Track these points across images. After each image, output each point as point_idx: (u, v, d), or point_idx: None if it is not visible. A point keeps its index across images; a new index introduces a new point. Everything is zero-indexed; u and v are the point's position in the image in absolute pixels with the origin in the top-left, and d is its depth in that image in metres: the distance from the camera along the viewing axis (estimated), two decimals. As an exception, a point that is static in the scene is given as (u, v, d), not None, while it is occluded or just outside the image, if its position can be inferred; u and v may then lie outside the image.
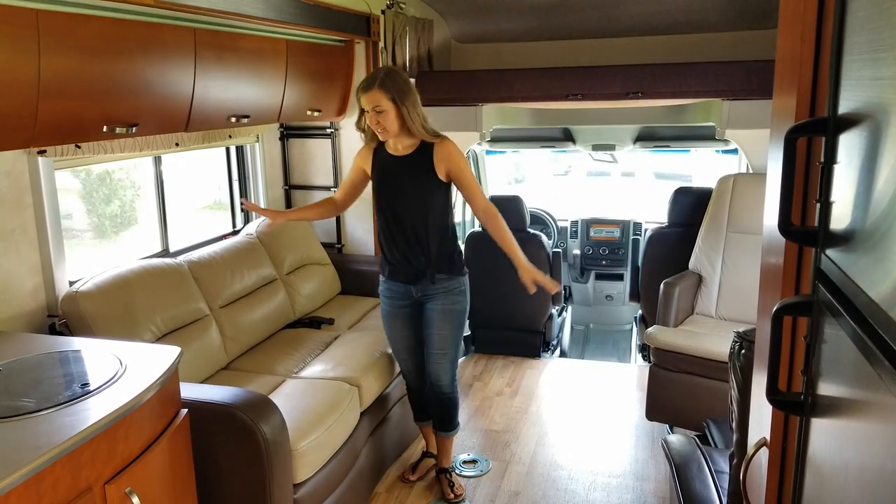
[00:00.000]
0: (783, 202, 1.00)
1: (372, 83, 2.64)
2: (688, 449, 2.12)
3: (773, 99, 1.30)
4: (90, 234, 3.53)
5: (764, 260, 1.31)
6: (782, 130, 1.02)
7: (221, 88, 2.86)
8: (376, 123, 2.67)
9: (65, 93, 2.10)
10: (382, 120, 2.65)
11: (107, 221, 3.64)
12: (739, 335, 1.59)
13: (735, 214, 3.81)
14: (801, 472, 1.10)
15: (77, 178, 3.38)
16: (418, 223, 2.77)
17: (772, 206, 1.26)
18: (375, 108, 2.64)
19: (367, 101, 2.65)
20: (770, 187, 1.29)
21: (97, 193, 3.55)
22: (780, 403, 1.08)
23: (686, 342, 3.33)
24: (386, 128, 2.67)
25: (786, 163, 0.99)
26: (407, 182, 2.76)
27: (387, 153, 2.80)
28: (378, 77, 2.65)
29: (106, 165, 3.46)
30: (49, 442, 1.52)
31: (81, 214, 3.51)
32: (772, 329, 1.03)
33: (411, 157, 2.76)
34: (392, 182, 2.78)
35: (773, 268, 1.21)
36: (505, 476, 3.24)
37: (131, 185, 3.66)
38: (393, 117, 2.65)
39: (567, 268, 5.73)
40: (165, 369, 1.93)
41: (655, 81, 3.85)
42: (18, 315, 2.48)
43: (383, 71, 2.70)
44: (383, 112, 2.64)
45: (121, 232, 3.66)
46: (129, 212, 3.69)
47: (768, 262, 1.26)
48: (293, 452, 2.36)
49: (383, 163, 2.81)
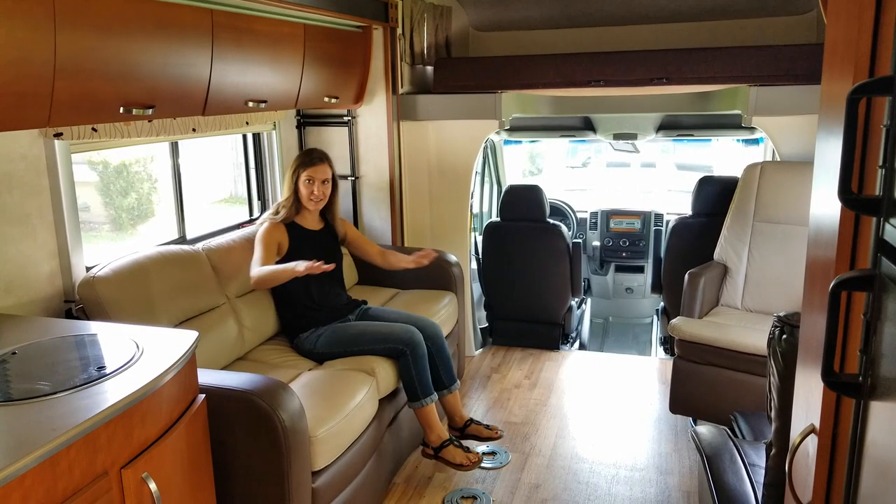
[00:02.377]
0: (844, 168, 0.93)
1: (322, 158, 3.13)
2: (720, 440, 2.05)
3: (825, 61, 1.23)
4: (108, 226, 3.52)
5: (812, 238, 1.24)
6: (838, 96, 0.96)
7: (239, 72, 2.82)
8: (321, 194, 3.11)
9: (81, 72, 2.05)
10: (326, 191, 3.13)
11: (124, 214, 3.62)
12: (781, 319, 1.51)
13: (762, 203, 3.72)
14: (856, 461, 1.04)
15: (94, 171, 3.36)
16: (336, 276, 3.24)
17: (821, 180, 1.19)
18: (324, 180, 3.11)
19: (316, 172, 3.09)
20: (819, 161, 1.22)
21: (114, 186, 3.53)
22: (836, 385, 1.01)
23: (712, 333, 3.24)
24: (324, 199, 3.15)
25: (848, 126, 0.92)
26: (327, 251, 3.14)
27: (303, 228, 3.16)
28: (321, 153, 3.16)
29: (123, 158, 3.45)
30: (65, 424, 1.49)
31: (99, 207, 3.50)
32: (829, 306, 0.96)
33: (324, 231, 3.25)
34: (316, 253, 2.97)
35: (824, 244, 1.14)
36: (525, 468, 3.18)
37: (148, 177, 3.64)
38: (328, 191, 3.16)
39: (586, 260, 5.65)
40: (183, 353, 1.89)
41: (681, 67, 3.76)
42: (35, 300, 2.46)
43: (320, 150, 3.19)
44: (327, 184, 3.13)
45: (138, 225, 3.65)
46: (145, 204, 3.68)
47: (818, 238, 1.19)
48: (311, 439, 2.31)
49: (304, 237, 3.13)
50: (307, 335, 3.05)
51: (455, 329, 3.80)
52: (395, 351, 2.93)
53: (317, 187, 3.09)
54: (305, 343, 3.04)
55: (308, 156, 3.13)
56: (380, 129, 4.09)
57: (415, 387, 2.94)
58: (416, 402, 2.95)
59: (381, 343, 2.94)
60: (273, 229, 3.04)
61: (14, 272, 2.36)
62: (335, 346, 2.98)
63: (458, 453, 2.95)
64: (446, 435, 2.99)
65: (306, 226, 3.17)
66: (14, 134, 2.31)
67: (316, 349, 3.01)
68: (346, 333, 3.01)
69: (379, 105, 4.06)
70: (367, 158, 4.16)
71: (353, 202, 4.21)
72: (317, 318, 3.09)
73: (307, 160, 3.10)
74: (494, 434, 3.16)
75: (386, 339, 2.95)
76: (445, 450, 2.96)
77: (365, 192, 4.22)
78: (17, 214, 2.36)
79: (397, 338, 2.94)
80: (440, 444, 2.96)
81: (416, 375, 2.93)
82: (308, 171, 3.08)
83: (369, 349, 2.95)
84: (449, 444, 2.97)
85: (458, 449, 2.96)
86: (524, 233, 4.56)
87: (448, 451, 2.95)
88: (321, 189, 3.10)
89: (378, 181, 4.17)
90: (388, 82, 4.01)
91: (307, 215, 3.18)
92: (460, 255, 4.23)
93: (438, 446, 2.96)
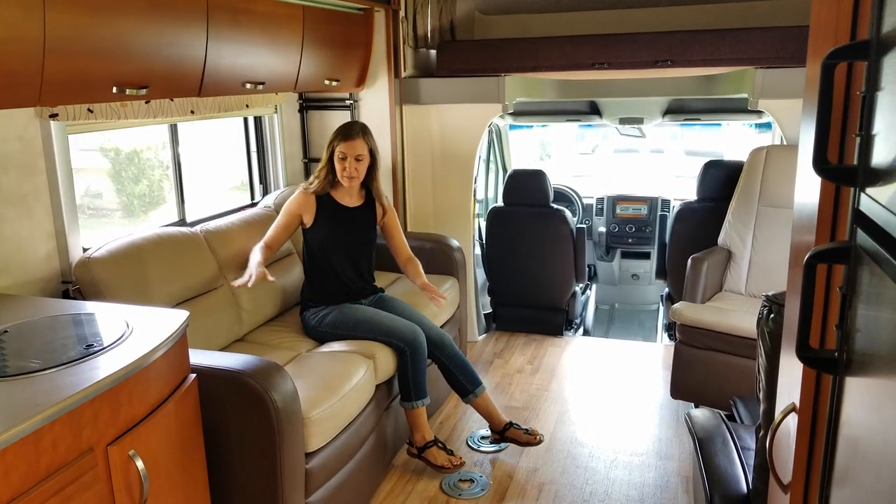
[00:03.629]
0: (819, 136, 0.90)
1: (356, 132, 2.99)
2: (712, 423, 2.03)
3: (810, 44, 1.20)
4: (119, 213, 3.54)
5: (796, 216, 1.21)
6: (818, 61, 0.93)
7: (235, 53, 2.80)
8: (354, 171, 2.97)
9: (71, 51, 2.05)
10: (360, 168, 2.99)
11: (135, 201, 3.64)
12: (769, 298, 1.49)
13: (767, 188, 3.66)
14: (832, 438, 1.01)
15: (106, 158, 3.38)
16: (363, 256, 3.19)
17: (804, 158, 1.16)
18: (357, 156, 2.96)
19: (349, 147, 2.96)
20: (803, 139, 1.19)
21: (125, 173, 3.54)
22: (811, 361, 0.98)
23: (713, 318, 3.21)
24: (357, 176, 3.00)
25: (823, 91, 0.89)
26: (357, 229, 3.13)
27: (335, 203, 3.08)
28: (359, 127, 3.02)
29: (135, 145, 3.45)
30: (48, 400, 1.49)
31: (111, 194, 3.53)
32: (804, 278, 0.93)
33: (362, 208, 3.15)
34: (344, 228, 3.07)
35: (805, 220, 1.11)
36: (523, 452, 3.17)
37: (159, 164, 3.64)
38: (365, 168, 3.01)
39: (592, 246, 5.61)
40: (172, 332, 1.89)
41: (686, 49, 3.70)
42: (33, 280, 2.47)
43: (360, 124, 3.05)
44: (362, 161, 2.99)
45: (149, 211, 3.65)
46: (157, 191, 3.68)
47: (801, 215, 1.16)
48: (305, 421, 2.31)
49: (334, 211, 3.07)
50: (316, 311, 3.05)
51: (457, 314, 3.79)
52: (396, 347, 2.92)
53: (349, 163, 2.97)
54: (311, 319, 3.04)
55: (345, 129, 3.01)
56: (382, 112, 4.06)
57: (409, 387, 2.93)
58: (408, 402, 2.94)
59: (384, 335, 2.92)
60: (302, 199, 3.04)
61: (10, 253, 2.37)
62: (339, 328, 2.97)
63: (441, 455, 2.93)
64: (431, 436, 2.98)
65: (341, 200, 3.09)
66: (10, 114, 2.32)
67: (320, 327, 3.00)
68: (352, 316, 3.00)
69: (381, 88, 4.03)
70: (370, 142, 4.14)
71: (355, 186, 4.19)
72: (330, 294, 3.07)
73: (342, 134, 2.98)
74: (534, 440, 3.08)
75: (389, 333, 2.92)
76: (429, 451, 2.94)
77: (367, 176, 4.20)
78: (13, 195, 2.37)
79: (400, 335, 2.92)
80: (424, 444, 2.95)
81: (412, 376, 2.92)
82: (342, 147, 2.96)
83: (371, 337, 2.94)
84: (433, 445, 2.95)
85: (441, 451, 2.95)
86: (527, 217, 4.53)
87: (431, 453, 2.94)
88: (353, 166, 2.97)
89: (380, 165, 4.14)
90: (390, 65, 3.98)
91: (343, 190, 3.08)
92: (463, 240, 4.21)
93: (422, 446, 2.96)
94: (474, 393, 3.07)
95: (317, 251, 3.08)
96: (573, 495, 2.86)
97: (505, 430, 3.10)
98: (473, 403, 3.08)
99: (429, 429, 2.99)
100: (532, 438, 3.09)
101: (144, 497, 1.72)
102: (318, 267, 3.10)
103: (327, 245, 3.07)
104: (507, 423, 3.12)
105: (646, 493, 2.86)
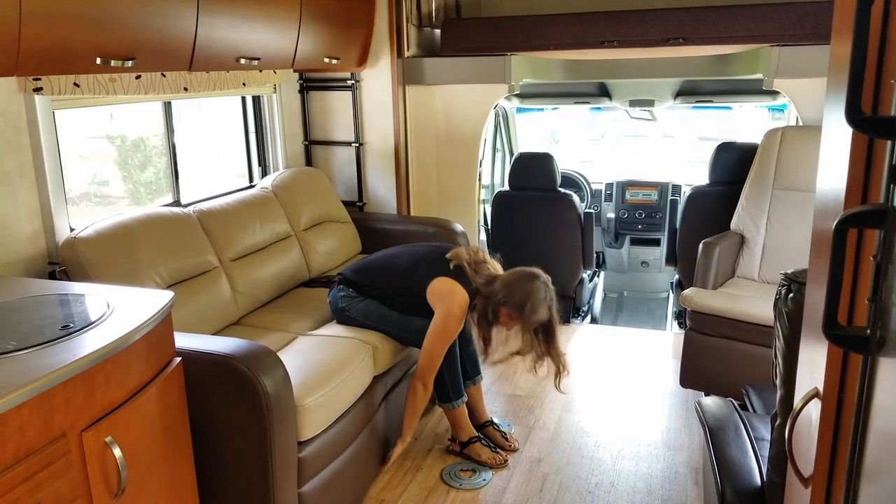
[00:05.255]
0: (852, 82, 0.79)
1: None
2: (724, 412, 1.92)
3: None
4: (126, 200, 3.48)
5: (821, 176, 1.10)
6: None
7: (229, 25, 2.69)
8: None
9: (50, 16, 1.94)
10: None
11: (142, 188, 3.57)
12: (788, 277, 1.37)
13: (782, 170, 3.53)
14: (861, 426, 0.90)
15: (112, 145, 3.32)
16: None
17: (833, 106, 1.05)
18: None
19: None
20: (832, 78, 1.07)
21: (132, 160, 3.47)
22: (840, 339, 0.87)
23: (725, 304, 3.09)
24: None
25: (858, 32, 0.77)
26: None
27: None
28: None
29: (141, 132, 3.37)
30: (15, 383, 1.39)
31: (118, 181, 3.46)
32: (833, 244, 0.82)
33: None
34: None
35: (833, 180, 1.00)
36: (528, 442, 3.07)
37: (165, 151, 3.56)
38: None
39: (601, 232, 5.49)
40: (153, 314, 1.79)
41: (698, 26, 3.56)
42: (17, 261, 2.38)
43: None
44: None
45: (155, 199, 3.58)
46: (163, 179, 3.61)
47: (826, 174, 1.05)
48: (298, 408, 2.22)
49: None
50: (353, 297, 2.90)
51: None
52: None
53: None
54: (343, 301, 2.90)
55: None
56: (385, 93, 3.95)
57: (446, 388, 2.85)
58: (447, 403, 2.88)
59: (413, 334, 2.81)
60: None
61: (-7, 232, 2.29)
62: (369, 317, 2.86)
63: (485, 451, 2.90)
64: (474, 433, 2.93)
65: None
66: (-9, 88, 2.23)
67: (348, 310, 2.88)
68: (382, 310, 2.88)
69: (384, 68, 3.92)
70: (372, 124, 4.04)
71: (357, 169, 4.09)
72: (378, 298, 2.91)
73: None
74: (508, 446, 3.01)
75: (419, 331, 2.77)
76: (472, 447, 2.90)
77: (369, 158, 4.10)
78: (-5, 172, 2.29)
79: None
80: (468, 440, 2.91)
81: (448, 378, 2.85)
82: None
83: (398, 335, 2.84)
84: (476, 441, 2.91)
85: (485, 447, 2.91)
86: (533, 202, 4.41)
87: (474, 449, 2.90)
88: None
89: (383, 148, 4.05)
90: (392, 44, 3.87)
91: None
92: (468, 224, 4.11)
93: (466, 441, 2.91)
94: (473, 380, 3.02)
95: (399, 266, 2.91)
96: (578, 486, 2.76)
97: (483, 428, 3.03)
98: (466, 390, 2.99)
99: (471, 425, 2.95)
100: (507, 445, 3.00)
101: (123, 486, 1.63)
102: (391, 269, 2.93)
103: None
104: (488, 420, 3.06)
105: (653, 485, 2.76)
